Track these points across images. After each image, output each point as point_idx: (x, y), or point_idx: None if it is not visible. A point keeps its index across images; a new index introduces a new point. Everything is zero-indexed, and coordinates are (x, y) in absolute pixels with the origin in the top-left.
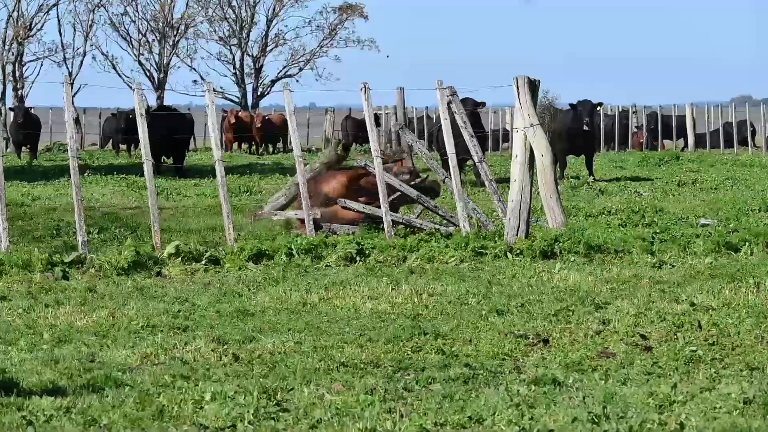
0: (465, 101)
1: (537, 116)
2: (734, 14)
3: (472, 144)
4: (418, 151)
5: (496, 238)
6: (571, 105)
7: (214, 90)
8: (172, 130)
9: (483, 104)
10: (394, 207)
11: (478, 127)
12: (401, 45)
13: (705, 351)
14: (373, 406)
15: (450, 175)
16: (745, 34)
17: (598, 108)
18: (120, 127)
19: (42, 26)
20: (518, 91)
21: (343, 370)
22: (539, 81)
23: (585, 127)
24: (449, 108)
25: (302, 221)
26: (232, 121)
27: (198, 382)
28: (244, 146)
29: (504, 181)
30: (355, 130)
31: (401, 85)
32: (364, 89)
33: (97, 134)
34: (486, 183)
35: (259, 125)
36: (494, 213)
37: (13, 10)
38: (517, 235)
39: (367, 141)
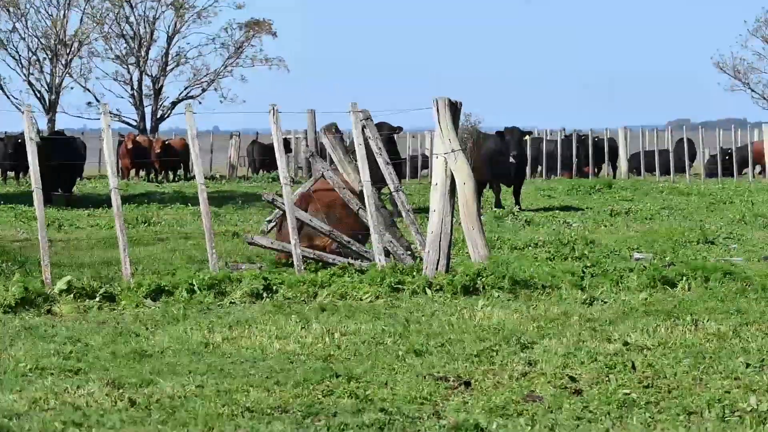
0: (381, 125)
1: (459, 141)
2: (670, 31)
3: (387, 172)
4: (329, 180)
5: (415, 273)
6: (498, 133)
7: (110, 112)
8: (63, 156)
9: (400, 129)
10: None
11: (394, 154)
12: (312, 65)
13: (639, 394)
14: None
15: (366, 202)
16: (683, 53)
17: (526, 137)
18: (8, 153)
19: None
20: (438, 114)
21: (248, 415)
22: (461, 103)
23: (512, 159)
24: (363, 133)
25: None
26: (130, 146)
27: (91, 429)
28: (142, 173)
29: (423, 210)
30: (262, 156)
31: (312, 108)
32: (272, 112)
33: None
34: (403, 213)
35: (158, 150)
36: (412, 245)
37: None
38: (437, 269)
39: (275, 167)
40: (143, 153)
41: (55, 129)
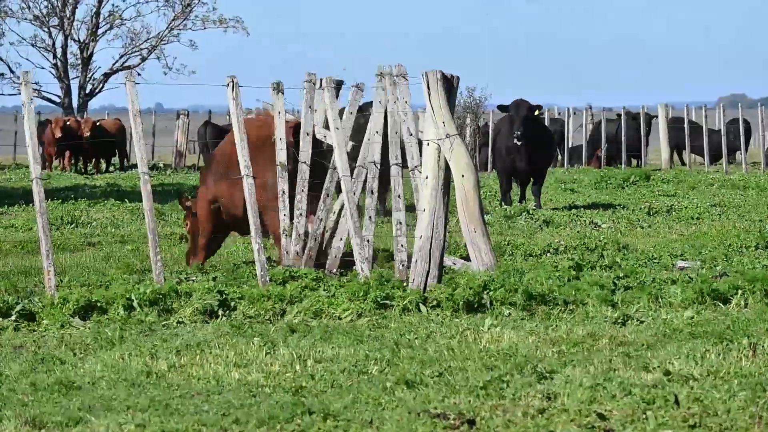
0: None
1: (455, 123)
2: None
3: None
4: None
5: (406, 286)
6: (500, 108)
7: (32, 84)
8: None
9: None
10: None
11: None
12: (278, 27)
13: None
14: None
15: (345, 200)
16: (737, 23)
17: (538, 112)
18: None
19: None
20: (429, 92)
21: None
22: (457, 78)
23: (516, 140)
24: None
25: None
26: (58, 134)
27: None
28: (76, 162)
29: (410, 209)
30: (217, 140)
31: (278, 79)
32: (231, 85)
33: None
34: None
35: (87, 133)
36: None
37: None
38: (426, 281)
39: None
40: (74, 137)
41: None
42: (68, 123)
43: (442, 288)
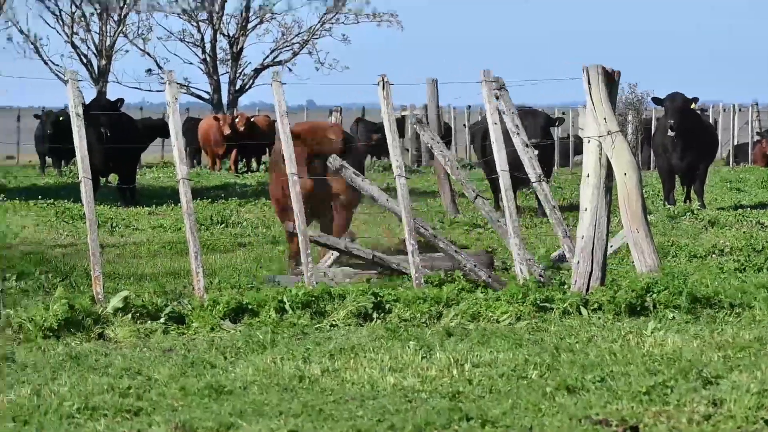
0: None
1: (617, 120)
2: None
3: (527, 156)
4: (439, 156)
5: (566, 288)
6: (654, 100)
7: (176, 83)
8: (121, 135)
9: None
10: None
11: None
12: (433, 23)
13: None
14: None
15: (503, 197)
16: None
17: (694, 105)
18: (46, 134)
19: None
20: (589, 87)
21: None
22: (618, 72)
23: (670, 131)
24: (500, 109)
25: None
26: (227, 132)
27: None
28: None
29: (573, 209)
30: (369, 138)
31: (433, 76)
32: (382, 83)
33: (14, 143)
34: (547, 210)
35: (241, 129)
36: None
37: None
38: (589, 282)
39: (386, 152)
40: (241, 137)
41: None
42: (236, 120)
43: (604, 290)
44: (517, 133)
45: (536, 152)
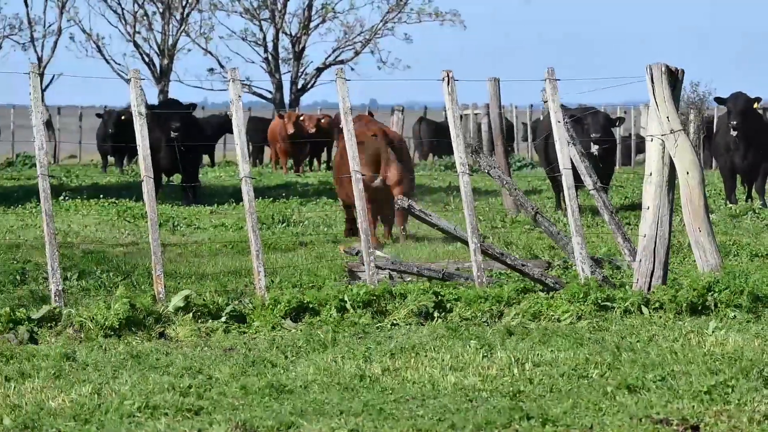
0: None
1: (679, 119)
2: None
3: (583, 165)
4: (497, 179)
5: (627, 288)
6: (717, 100)
7: (240, 81)
8: (186, 134)
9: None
10: None
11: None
12: (495, 21)
13: None
14: None
15: (565, 196)
16: None
17: (756, 105)
18: (108, 133)
19: None
20: (653, 85)
21: None
22: (682, 71)
23: (732, 130)
24: (563, 107)
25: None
26: (291, 130)
27: None
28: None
29: (637, 207)
30: (432, 137)
31: (495, 76)
32: (446, 80)
33: (77, 142)
34: (605, 215)
35: (292, 129)
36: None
37: None
38: (650, 281)
39: (449, 151)
40: (306, 136)
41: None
42: (301, 118)
43: (665, 289)
44: (573, 144)
45: (597, 149)
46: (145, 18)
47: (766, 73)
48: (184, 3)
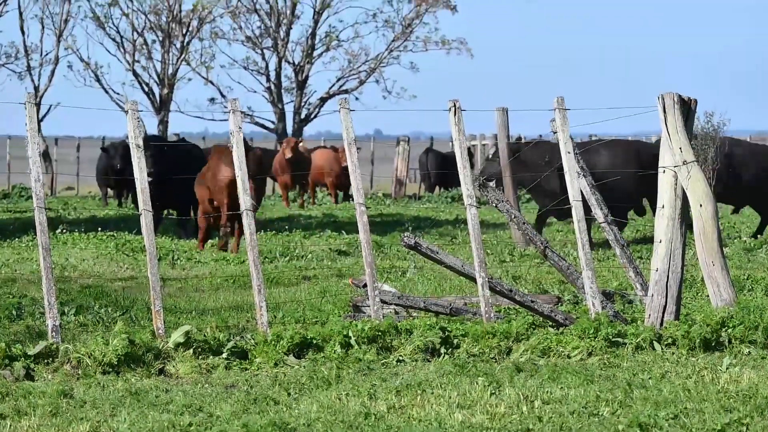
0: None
1: (693, 150)
2: None
3: (594, 198)
4: (505, 213)
5: (639, 323)
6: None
7: (240, 111)
8: (181, 167)
9: None
10: None
11: None
12: (502, 49)
13: None
14: None
15: (576, 228)
16: None
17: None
18: (115, 167)
19: None
20: (665, 115)
21: None
22: (695, 101)
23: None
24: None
25: None
26: (289, 155)
27: None
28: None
29: (647, 241)
30: (438, 168)
31: (503, 105)
32: (453, 110)
33: (74, 174)
34: (616, 249)
35: (289, 155)
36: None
37: None
38: (663, 316)
39: (456, 183)
40: (305, 167)
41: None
42: (300, 143)
43: (678, 325)
44: (584, 175)
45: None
46: (144, 46)
47: None
48: (184, 31)
